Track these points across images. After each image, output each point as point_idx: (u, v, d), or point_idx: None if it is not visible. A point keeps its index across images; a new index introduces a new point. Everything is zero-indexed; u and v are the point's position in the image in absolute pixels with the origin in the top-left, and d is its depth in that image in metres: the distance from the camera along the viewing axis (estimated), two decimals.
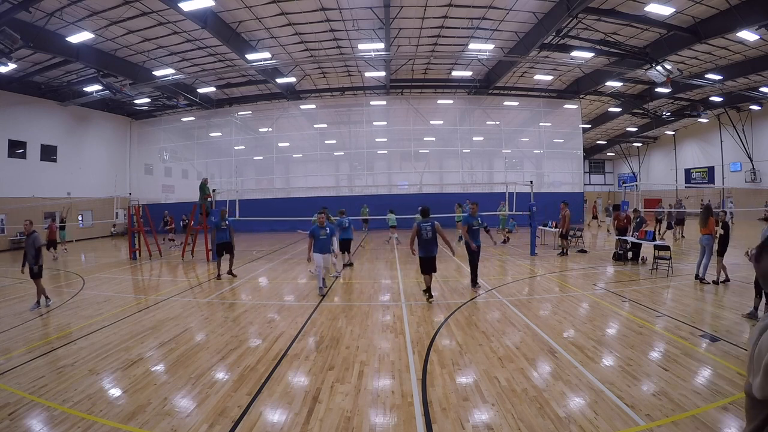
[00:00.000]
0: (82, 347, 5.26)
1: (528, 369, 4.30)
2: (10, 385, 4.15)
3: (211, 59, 18.76)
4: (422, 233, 7.06)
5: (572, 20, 14.24)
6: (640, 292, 7.65)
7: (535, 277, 9.45)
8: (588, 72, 21.31)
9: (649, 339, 5.14)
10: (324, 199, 22.03)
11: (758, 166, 26.34)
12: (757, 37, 14.46)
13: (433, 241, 7.12)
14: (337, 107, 25.30)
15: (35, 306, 7.41)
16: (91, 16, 13.81)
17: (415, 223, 7.30)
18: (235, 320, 6.44)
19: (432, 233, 7.08)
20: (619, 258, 11.16)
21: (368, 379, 4.14)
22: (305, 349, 5.08)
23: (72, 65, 17.40)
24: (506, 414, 3.41)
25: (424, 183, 25.01)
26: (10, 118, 18.99)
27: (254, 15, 14.78)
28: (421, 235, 7.07)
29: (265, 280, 9.82)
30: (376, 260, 12.35)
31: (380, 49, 16.13)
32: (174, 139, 26.62)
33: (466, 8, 14.77)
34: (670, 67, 15.80)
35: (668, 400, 3.54)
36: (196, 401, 3.74)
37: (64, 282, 10.29)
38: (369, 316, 6.47)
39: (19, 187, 19.34)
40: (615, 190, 42.91)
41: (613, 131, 36.09)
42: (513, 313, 6.40)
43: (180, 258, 13.50)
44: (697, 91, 23.37)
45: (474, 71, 21.26)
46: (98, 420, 3.42)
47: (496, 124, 25.49)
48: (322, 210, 8.75)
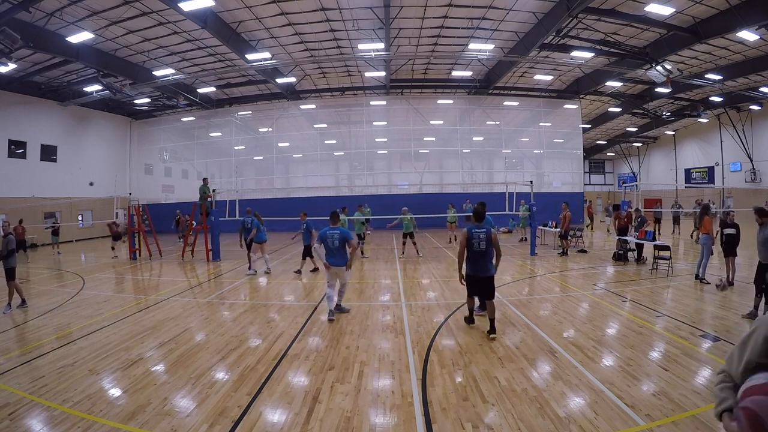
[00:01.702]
0: (82, 347, 5.26)
1: (528, 369, 4.29)
2: (10, 385, 4.15)
3: (211, 59, 18.76)
4: (473, 242, 5.29)
5: (572, 20, 14.24)
6: (640, 292, 7.65)
7: (535, 277, 9.44)
8: (588, 72, 21.31)
9: (649, 339, 5.14)
10: (324, 199, 22.05)
11: (758, 166, 26.35)
12: (757, 37, 14.46)
13: (488, 253, 5.33)
14: (337, 107, 25.30)
15: (7, 309, 7.25)
16: (91, 16, 13.81)
17: (465, 228, 5.52)
18: (234, 320, 6.44)
19: (487, 243, 5.25)
20: (619, 258, 11.16)
21: (368, 379, 4.14)
22: (305, 349, 5.08)
23: (72, 65, 17.41)
24: (506, 414, 3.41)
25: (424, 183, 25.01)
26: (10, 118, 19.00)
27: (254, 15, 14.78)
28: (472, 245, 5.29)
29: (265, 280, 9.81)
30: (376, 260, 12.35)
31: (380, 49, 16.13)
32: (174, 139, 26.62)
33: (466, 8, 14.77)
34: (670, 67, 15.80)
35: (668, 400, 3.54)
36: (196, 401, 3.74)
37: (64, 282, 10.29)
38: (369, 316, 6.46)
39: (19, 187, 19.34)
40: (615, 190, 42.92)
41: (613, 131, 36.09)
42: (513, 313, 6.39)
43: (180, 258, 13.51)
44: (697, 91, 23.37)
45: (474, 71, 21.26)
46: (98, 420, 3.42)
47: (496, 124, 25.49)
48: (343, 210, 8.04)
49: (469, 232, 5.35)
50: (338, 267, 6.25)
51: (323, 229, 6.29)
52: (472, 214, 5.60)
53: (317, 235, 6.39)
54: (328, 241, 6.18)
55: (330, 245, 6.20)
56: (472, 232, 5.34)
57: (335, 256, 6.22)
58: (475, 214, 5.56)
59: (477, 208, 5.58)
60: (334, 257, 6.22)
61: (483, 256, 5.32)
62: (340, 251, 6.22)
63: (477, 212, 5.54)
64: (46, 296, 8.53)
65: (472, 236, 5.32)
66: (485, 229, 5.34)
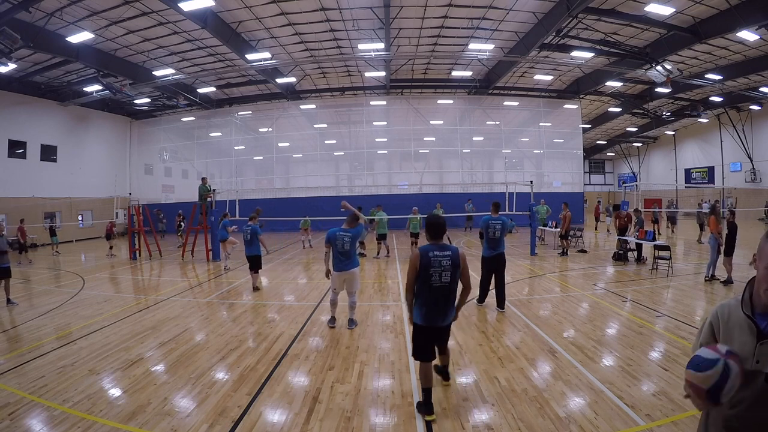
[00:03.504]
0: (82, 347, 5.26)
1: (528, 369, 4.29)
2: (10, 385, 4.15)
3: (211, 59, 18.75)
4: (431, 273, 3.39)
5: (572, 20, 14.24)
6: (640, 292, 7.65)
7: (535, 277, 9.44)
8: (588, 72, 21.30)
9: (649, 339, 5.14)
10: (324, 199, 22.05)
11: (758, 166, 26.34)
12: (757, 37, 14.46)
13: (452, 290, 3.50)
14: (337, 107, 25.30)
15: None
16: (91, 16, 13.81)
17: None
18: (234, 320, 6.44)
19: (452, 274, 3.41)
20: (619, 258, 11.16)
21: (368, 379, 4.14)
22: (305, 349, 5.08)
23: (72, 65, 17.40)
24: (506, 414, 3.41)
25: (424, 183, 25.00)
26: (10, 118, 18.98)
27: (254, 15, 14.78)
28: (429, 278, 3.39)
29: (265, 280, 9.81)
30: (376, 260, 12.35)
31: (380, 49, 16.13)
32: (174, 139, 26.61)
33: (466, 8, 14.77)
34: (670, 67, 15.80)
35: (668, 400, 3.54)
36: (196, 401, 3.74)
37: (64, 282, 10.29)
38: (369, 316, 6.46)
39: (19, 187, 19.33)
40: (615, 190, 42.92)
41: (613, 131, 36.09)
42: (513, 313, 6.39)
43: (180, 258, 13.51)
44: (697, 91, 23.37)
45: (474, 71, 21.26)
46: (98, 420, 3.42)
47: (496, 124, 25.48)
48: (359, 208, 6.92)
49: (422, 256, 3.33)
50: (348, 271, 5.57)
51: (331, 230, 5.58)
52: (426, 227, 3.52)
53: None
54: (337, 243, 5.48)
55: (340, 248, 5.50)
56: (430, 257, 3.32)
57: (345, 259, 5.54)
58: (429, 228, 3.48)
59: (430, 218, 3.52)
60: (343, 261, 5.54)
61: (447, 295, 3.39)
62: (350, 254, 5.55)
63: (431, 224, 3.47)
64: (46, 296, 8.53)
65: (428, 264, 3.31)
66: (448, 251, 3.37)
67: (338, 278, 5.63)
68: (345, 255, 5.55)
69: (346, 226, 5.64)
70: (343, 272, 5.58)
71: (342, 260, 5.56)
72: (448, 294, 3.39)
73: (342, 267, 5.56)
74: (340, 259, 5.55)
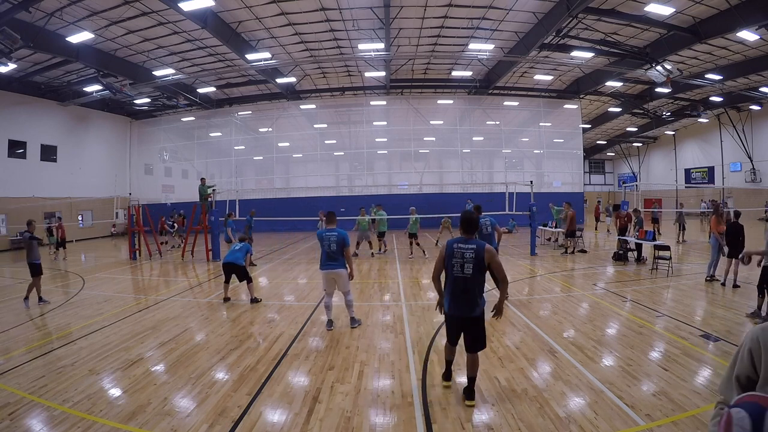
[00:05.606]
0: (82, 347, 5.26)
1: (528, 369, 4.29)
2: (10, 385, 4.14)
3: (211, 59, 18.76)
4: (453, 263, 3.67)
5: (572, 20, 14.25)
6: (640, 292, 7.65)
7: (535, 277, 9.44)
8: (588, 72, 21.31)
9: (649, 339, 5.14)
10: (324, 199, 22.05)
11: (758, 166, 26.35)
12: (757, 37, 14.47)
13: (476, 282, 3.68)
14: (337, 107, 25.31)
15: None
16: (91, 16, 13.81)
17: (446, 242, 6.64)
18: (234, 320, 6.44)
19: (474, 266, 3.63)
20: (620, 258, 11.17)
21: (368, 379, 4.14)
22: (305, 349, 5.08)
23: (72, 65, 17.41)
24: (506, 414, 3.41)
25: (424, 183, 25.01)
26: (10, 118, 18.99)
27: (254, 15, 14.78)
28: (451, 268, 3.73)
29: (265, 280, 9.81)
30: (376, 260, 12.34)
31: (380, 49, 16.13)
32: (174, 139, 26.62)
33: (466, 8, 14.77)
34: (670, 67, 15.81)
35: (668, 400, 3.54)
36: (196, 401, 3.74)
37: (64, 282, 10.29)
38: (369, 316, 6.46)
39: (19, 187, 19.34)
40: (615, 190, 42.93)
41: (613, 131, 36.10)
42: (513, 313, 6.39)
43: (180, 258, 13.50)
44: (697, 91, 23.38)
45: (474, 71, 21.26)
46: (98, 420, 3.42)
47: (496, 124, 25.49)
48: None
49: (448, 247, 3.70)
50: (335, 271, 5.63)
51: (319, 231, 5.86)
52: (459, 222, 3.84)
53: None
54: (324, 243, 5.63)
55: (326, 248, 5.61)
56: (453, 248, 3.65)
57: (332, 260, 5.63)
58: (462, 223, 3.78)
59: (464, 214, 3.83)
60: (331, 261, 5.63)
61: (467, 286, 3.57)
62: (337, 254, 5.62)
63: (464, 220, 3.76)
64: (45, 296, 8.51)
65: (451, 254, 3.64)
66: (473, 245, 3.59)
67: (325, 277, 5.74)
68: (331, 256, 5.62)
69: (327, 225, 5.83)
70: (331, 271, 5.66)
71: (328, 260, 5.65)
72: (470, 286, 3.56)
73: (328, 267, 5.66)
74: (328, 259, 5.66)
